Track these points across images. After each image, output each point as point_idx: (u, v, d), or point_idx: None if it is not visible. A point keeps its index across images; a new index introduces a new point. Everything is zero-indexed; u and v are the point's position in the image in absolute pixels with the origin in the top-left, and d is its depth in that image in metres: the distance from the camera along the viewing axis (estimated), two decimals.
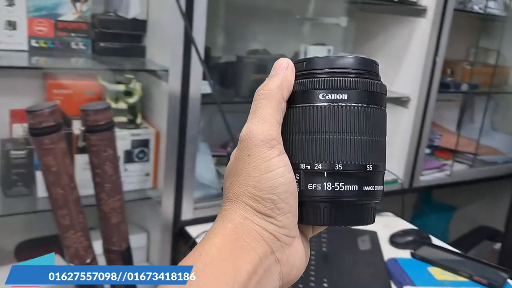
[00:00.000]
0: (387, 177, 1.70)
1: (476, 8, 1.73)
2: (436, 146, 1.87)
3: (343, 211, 0.37)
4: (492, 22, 1.90)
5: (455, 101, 1.97)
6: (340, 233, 1.29)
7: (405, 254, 1.25)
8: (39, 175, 1.17)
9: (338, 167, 0.36)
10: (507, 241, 1.83)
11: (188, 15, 1.14)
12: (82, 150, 1.15)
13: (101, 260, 1.12)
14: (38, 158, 1.00)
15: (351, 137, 0.37)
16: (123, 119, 1.23)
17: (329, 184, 0.37)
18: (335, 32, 1.51)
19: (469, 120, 2.09)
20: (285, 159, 0.37)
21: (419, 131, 1.65)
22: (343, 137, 0.37)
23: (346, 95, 0.37)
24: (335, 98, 0.37)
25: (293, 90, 0.39)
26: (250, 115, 0.38)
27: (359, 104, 0.37)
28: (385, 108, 0.39)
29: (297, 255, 0.38)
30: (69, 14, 1.22)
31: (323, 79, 0.37)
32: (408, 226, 1.44)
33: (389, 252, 1.26)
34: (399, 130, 1.66)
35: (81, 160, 1.16)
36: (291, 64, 0.39)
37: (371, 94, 0.38)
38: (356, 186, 0.37)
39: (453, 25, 1.59)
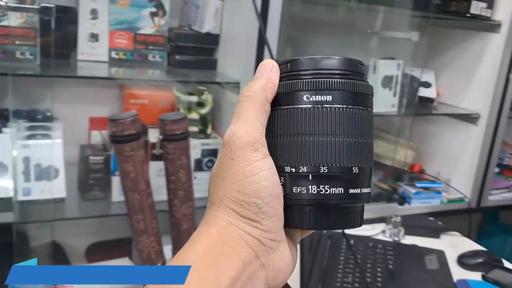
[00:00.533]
0: (454, 195, 1.65)
1: None
2: (506, 165, 1.80)
3: (329, 215, 0.37)
4: None
5: None
6: (406, 251, 1.27)
7: (475, 276, 1.21)
8: (114, 180, 1.23)
9: (323, 169, 0.36)
10: None
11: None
12: (156, 158, 1.20)
13: None
14: (118, 164, 1.05)
15: (336, 139, 0.36)
16: (195, 129, 1.27)
17: (314, 187, 0.36)
18: (405, 46, 1.50)
19: None
20: (269, 162, 0.36)
21: (489, 150, 1.60)
22: (328, 139, 0.36)
23: (330, 97, 0.36)
24: (320, 99, 0.36)
25: (277, 91, 0.38)
26: (233, 117, 0.38)
27: (344, 106, 0.36)
28: (372, 109, 0.38)
29: (283, 259, 0.37)
30: (147, 27, 1.28)
31: (307, 80, 0.37)
32: (476, 246, 1.39)
33: (457, 272, 1.22)
34: (467, 147, 1.61)
35: (155, 167, 1.21)
36: (275, 65, 0.39)
37: (356, 95, 0.37)
38: (342, 189, 0.36)
39: None
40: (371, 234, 1.34)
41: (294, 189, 0.36)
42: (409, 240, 1.34)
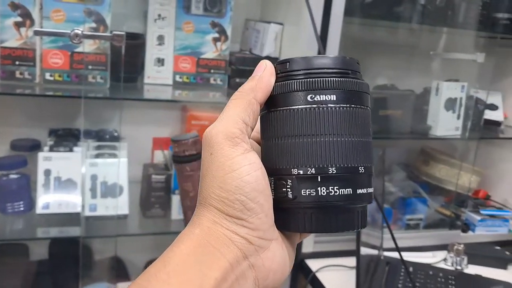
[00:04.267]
0: None
1: None
2: None
3: (337, 216, 0.36)
4: None
5: None
6: (469, 281, 1.21)
7: None
8: (174, 199, 1.27)
9: (332, 170, 0.35)
10: None
11: (321, 53, 1.18)
12: None
13: None
14: (178, 183, 1.09)
15: (341, 139, 0.35)
16: None
17: (323, 189, 0.35)
18: (469, 68, 1.46)
19: None
20: (250, 157, 0.35)
21: None
22: (334, 139, 0.35)
23: (334, 96, 0.36)
24: (323, 99, 0.36)
25: (276, 92, 0.37)
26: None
27: (347, 105, 0.36)
28: (369, 107, 0.38)
29: (274, 259, 0.36)
30: (210, 52, 1.33)
31: (307, 80, 0.36)
32: None
33: None
34: None
35: None
36: (269, 66, 0.38)
37: (356, 94, 0.36)
38: (351, 189, 0.35)
39: None
40: (432, 261, 1.29)
41: (302, 192, 0.35)
42: (472, 269, 1.28)
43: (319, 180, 0.35)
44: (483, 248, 1.40)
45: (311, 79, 0.36)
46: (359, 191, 0.36)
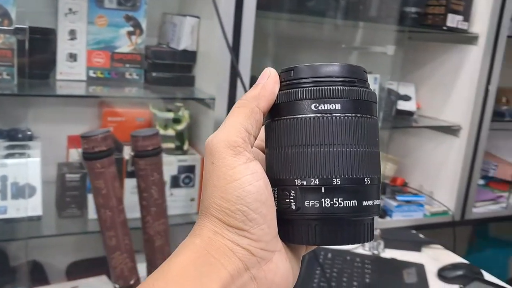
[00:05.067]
0: (438, 208, 1.65)
1: None
2: (491, 177, 1.80)
3: (342, 229, 0.35)
4: None
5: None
6: (384, 264, 1.26)
7: None
8: (90, 198, 1.23)
9: (336, 181, 0.34)
10: None
11: (235, 46, 1.19)
12: (131, 175, 1.20)
13: None
14: (90, 181, 1.06)
15: (346, 149, 0.34)
16: (171, 145, 1.27)
17: (327, 200, 0.34)
18: (382, 61, 1.51)
19: None
20: (252, 166, 0.34)
21: (471, 161, 1.60)
22: (338, 149, 0.34)
23: (339, 105, 0.35)
24: (328, 108, 0.35)
25: (280, 100, 0.36)
26: None
27: (352, 114, 0.35)
28: (376, 117, 0.37)
29: (277, 271, 0.35)
30: (125, 46, 1.30)
31: (313, 88, 0.35)
32: (458, 259, 1.38)
33: (436, 286, 1.21)
34: (450, 159, 1.61)
35: (130, 184, 1.22)
36: (273, 73, 0.37)
37: (362, 103, 0.35)
38: (356, 201, 0.34)
39: (509, 53, 1.54)
40: (350, 247, 1.33)
41: (306, 203, 0.34)
42: (389, 253, 1.33)
43: (323, 191, 0.34)
44: (400, 233, 1.46)
45: (315, 88, 0.35)
46: (364, 203, 0.35)
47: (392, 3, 1.45)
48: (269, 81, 0.37)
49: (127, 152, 1.22)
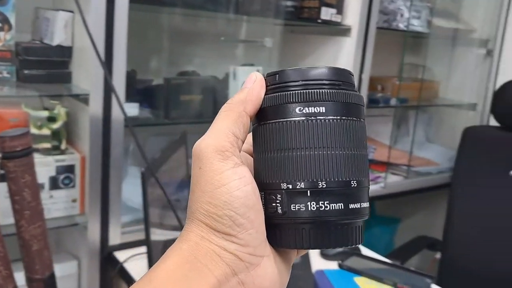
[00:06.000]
0: None
1: (401, 26, 1.81)
2: (371, 160, 1.93)
3: (329, 232, 0.35)
4: (418, 39, 2.00)
5: (388, 116, 2.04)
6: None
7: (334, 265, 1.28)
8: None
9: (321, 184, 0.34)
10: (446, 250, 1.90)
11: (108, 39, 1.16)
12: (2, 179, 1.13)
13: None
14: None
15: (332, 152, 0.34)
16: (47, 145, 1.22)
17: (313, 204, 0.34)
18: (264, 53, 1.56)
19: (405, 134, 2.17)
20: (240, 171, 0.34)
21: None
22: (324, 152, 0.34)
23: (323, 108, 0.35)
24: (313, 111, 0.35)
25: (266, 105, 0.36)
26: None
27: (338, 117, 0.35)
28: (364, 119, 0.37)
29: (265, 276, 0.35)
30: None
31: (298, 92, 0.35)
32: None
33: (318, 264, 1.29)
34: None
35: (3, 189, 1.15)
36: (259, 77, 0.37)
37: (349, 106, 0.36)
38: (342, 204, 0.34)
39: (380, 43, 1.66)
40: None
41: (292, 207, 0.34)
42: None
43: (309, 194, 0.34)
44: None
45: (301, 91, 0.35)
46: (351, 205, 0.35)
47: None
48: (255, 85, 0.37)
49: None
